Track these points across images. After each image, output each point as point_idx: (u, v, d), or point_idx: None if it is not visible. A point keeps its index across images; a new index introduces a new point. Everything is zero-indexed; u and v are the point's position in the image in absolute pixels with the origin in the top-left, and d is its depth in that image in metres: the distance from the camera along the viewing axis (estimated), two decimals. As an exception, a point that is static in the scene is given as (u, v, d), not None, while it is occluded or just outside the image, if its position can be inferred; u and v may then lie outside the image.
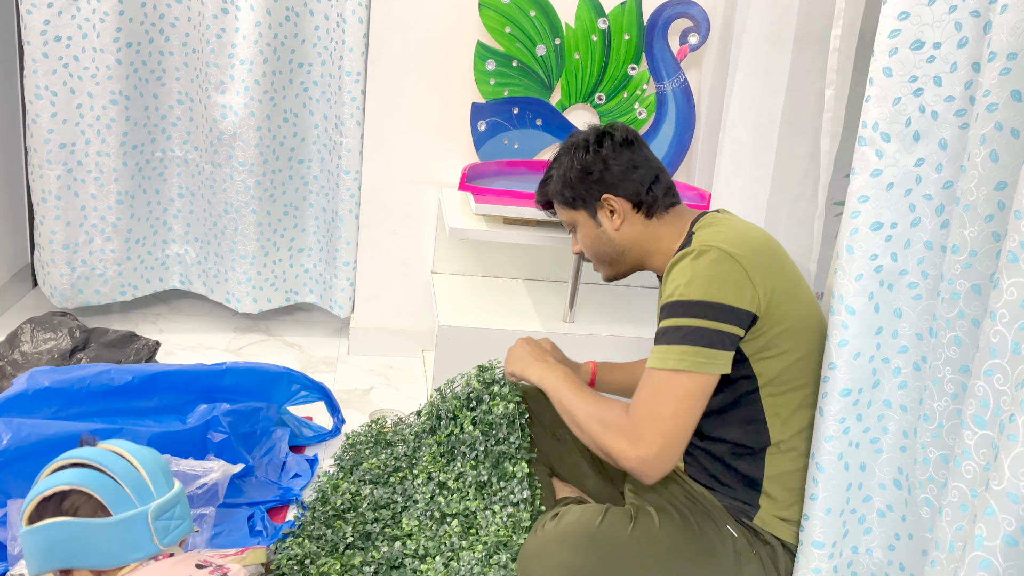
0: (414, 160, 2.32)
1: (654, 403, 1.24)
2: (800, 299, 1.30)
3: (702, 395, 1.24)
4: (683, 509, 1.33)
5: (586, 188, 1.46)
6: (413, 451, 1.65)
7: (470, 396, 1.57)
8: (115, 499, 1.14)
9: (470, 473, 1.51)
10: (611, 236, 1.46)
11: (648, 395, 1.25)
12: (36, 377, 1.57)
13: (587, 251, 1.53)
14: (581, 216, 1.49)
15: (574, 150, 1.48)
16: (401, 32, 2.20)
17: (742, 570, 1.30)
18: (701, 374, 1.22)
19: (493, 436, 1.52)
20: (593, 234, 1.49)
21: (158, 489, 1.19)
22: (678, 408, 1.23)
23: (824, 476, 1.22)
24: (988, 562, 0.89)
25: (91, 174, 2.24)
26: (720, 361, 1.23)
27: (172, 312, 2.56)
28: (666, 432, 1.23)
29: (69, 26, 2.11)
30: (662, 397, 1.23)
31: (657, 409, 1.23)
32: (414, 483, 1.58)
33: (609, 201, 1.44)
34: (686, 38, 2.27)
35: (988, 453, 0.95)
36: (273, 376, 1.84)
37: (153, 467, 1.20)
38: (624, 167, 1.44)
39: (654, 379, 1.25)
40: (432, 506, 1.51)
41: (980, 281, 1.03)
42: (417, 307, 2.45)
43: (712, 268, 1.24)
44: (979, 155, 1.00)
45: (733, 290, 1.23)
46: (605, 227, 1.46)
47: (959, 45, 1.07)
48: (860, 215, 1.15)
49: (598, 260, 1.52)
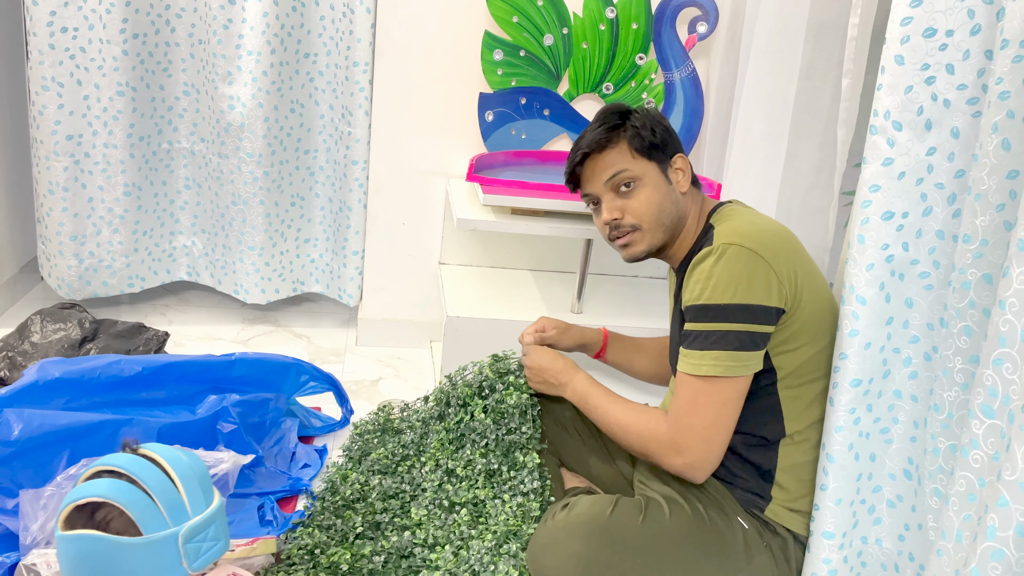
0: (422, 151, 2.31)
1: (692, 412, 1.26)
2: (817, 289, 1.30)
3: (739, 398, 1.26)
4: (693, 500, 1.33)
5: (666, 143, 1.42)
6: (420, 437, 1.65)
7: (483, 384, 1.57)
8: (147, 517, 1.10)
9: (479, 461, 1.52)
10: (677, 198, 1.42)
11: (686, 404, 1.26)
12: (46, 368, 1.58)
13: (648, 208, 1.39)
14: (653, 169, 1.41)
15: (647, 111, 1.44)
16: (409, 22, 2.19)
17: (752, 561, 1.30)
18: (736, 378, 1.24)
19: (504, 425, 1.52)
20: (664, 190, 1.40)
21: (195, 506, 1.14)
22: (718, 414, 1.25)
23: (835, 467, 1.22)
24: (1001, 552, 0.89)
25: (98, 166, 2.24)
26: (753, 362, 1.24)
27: (181, 303, 2.57)
28: (708, 438, 1.26)
29: (75, 17, 2.10)
30: (700, 406, 1.25)
31: (696, 418, 1.25)
32: (422, 471, 1.58)
33: (681, 159, 1.43)
34: (694, 27, 2.26)
35: (997, 442, 0.94)
36: (282, 367, 1.85)
37: (191, 481, 1.15)
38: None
39: (690, 387, 1.26)
40: (440, 494, 1.51)
41: (991, 270, 1.02)
42: (425, 298, 2.45)
43: (737, 267, 1.23)
44: (991, 143, 1.00)
45: (761, 288, 1.23)
46: (674, 185, 1.42)
47: (972, 33, 1.06)
48: (871, 204, 1.15)
49: (655, 222, 1.40)
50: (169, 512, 1.12)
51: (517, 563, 1.36)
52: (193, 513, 1.13)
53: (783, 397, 1.30)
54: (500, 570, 1.34)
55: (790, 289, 1.25)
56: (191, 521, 1.13)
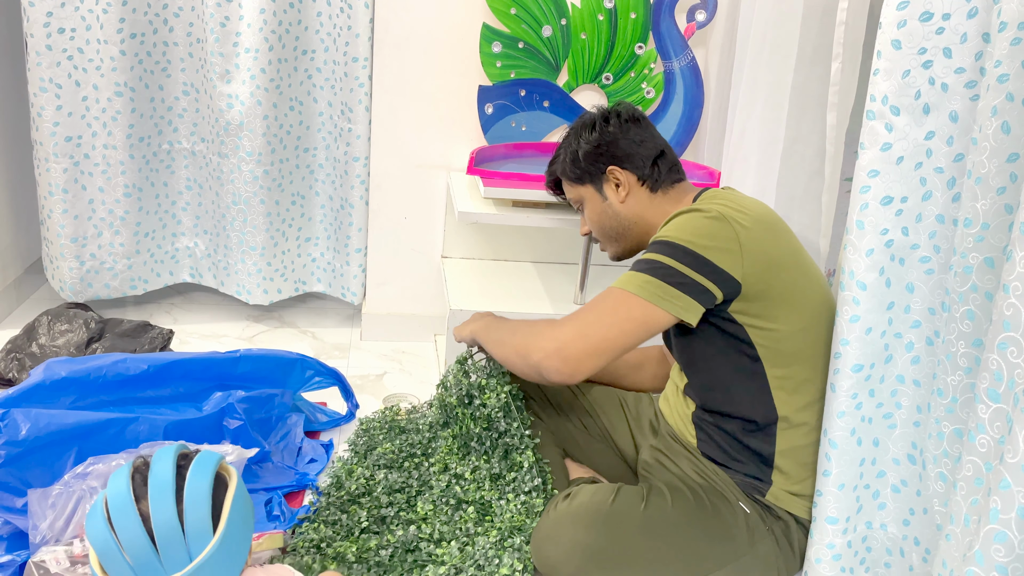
0: (422, 145, 2.31)
1: (591, 308, 1.26)
2: (800, 273, 1.30)
3: (646, 327, 1.23)
4: (695, 487, 1.34)
5: (593, 162, 1.49)
6: (428, 441, 1.66)
7: (463, 394, 1.56)
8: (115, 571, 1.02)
9: (484, 467, 1.52)
10: (616, 210, 1.48)
11: (591, 303, 1.28)
12: (53, 368, 1.59)
13: (593, 227, 1.54)
14: (588, 191, 1.52)
15: (581, 129, 1.52)
16: (406, 16, 2.19)
17: (755, 547, 1.30)
18: (655, 306, 1.22)
19: (495, 429, 1.51)
20: (599, 208, 1.50)
21: (172, 563, 1.01)
22: (612, 323, 1.23)
23: (837, 452, 1.22)
24: (1003, 535, 0.89)
25: (98, 167, 2.24)
26: (681, 304, 1.23)
27: (186, 301, 2.57)
28: (589, 334, 1.23)
29: (72, 18, 2.10)
30: (605, 308, 1.25)
31: (594, 314, 1.25)
32: (429, 470, 1.59)
33: (614, 173, 1.47)
34: (693, 15, 2.25)
35: (1002, 426, 0.95)
36: (287, 362, 1.85)
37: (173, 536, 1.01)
38: (629, 141, 1.47)
39: (607, 294, 1.27)
40: (448, 493, 1.51)
41: (993, 254, 1.02)
42: (428, 292, 2.45)
43: (705, 223, 1.26)
44: (990, 127, 0.99)
45: (719, 248, 1.23)
46: (611, 200, 1.48)
47: (968, 15, 1.05)
48: (870, 190, 1.15)
49: (604, 236, 1.53)
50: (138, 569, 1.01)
51: (521, 556, 1.37)
52: (170, 569, 1.01)
53: (771, 377, 1.30)
54: (504, 563, 1.35)
55: (752, 265, 1.24)
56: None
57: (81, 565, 1.33)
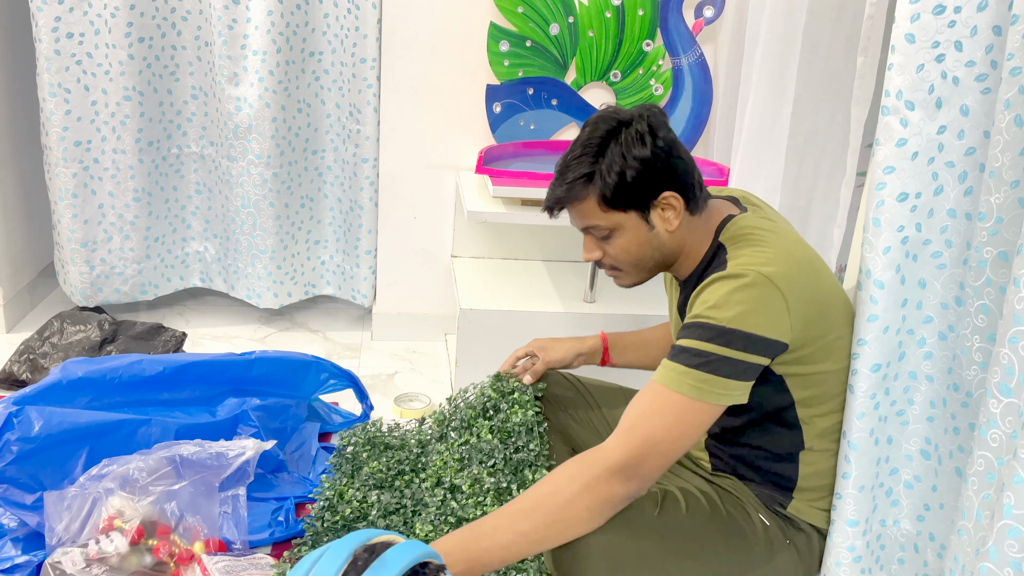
0: (431, 145, 2.31)
1: (655, 422, 1.12)
2: (837, 309, 1.23)
3: (706, 425, 1.15)
4: (711, 494, 1.30)
5: (646, 185, 1.22)
6: (417, 456, 1.61)
7: (486, 405, 1.53)
8: None
9: (487, 480, 1.45)
10: (663, 240, 1.26)
11: (649, 411, 1.13)
12: (70, 368, 1.60)
13: (623, 257, 1.29)
14: (630, 219, 1.25)
15: (625, 142, 1.21)
16: (414, 16, 2.19)
17: (774, 558, 1.27)
18: (713, 404, 1.13)
19: (512, 444, 1.47)
20: (641, 239, 1.26)
21: None
22: (683, 433, 1.13)
23: (856, 454, 1.21)
24: (1017, 530, 0.89)
25: (107, 172, 2.25)
26: (737, 393, 1.14)
27: (198, 304, 2.59)
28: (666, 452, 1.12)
29: (81, 22, 2.11)
30: (667, 419, 1.12)
31: (660, 429, 1.12)
32: (421, 487, 1.54)
33: (668, 199, 1.23)
34: (701, 11, 2.24)
35: (1014, 421, 0.94)
36: (302, 365, 1.85)
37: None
38: (680, 158, 1.24)
39: (660, 398, 1.13)
40: (445, 509, 1.46)
41: (1007, 248, 1.02)
42: (438, 291, 2.46)
43: (748, 293, 1.13)
44: (1003, 120, 0.99)
45: (768, 320, 1.13)
46: (658, 229, 1.26)
47: (979, 8, 1.05)
48: (886, 186, 1.14)
49: (633, 267, 1.31)
50: None
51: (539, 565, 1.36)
52: None
53: (802, 417, 1.25)
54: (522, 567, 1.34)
55: (799, 323, 1.16)
56: None
57: (96, 566, 1.34)
